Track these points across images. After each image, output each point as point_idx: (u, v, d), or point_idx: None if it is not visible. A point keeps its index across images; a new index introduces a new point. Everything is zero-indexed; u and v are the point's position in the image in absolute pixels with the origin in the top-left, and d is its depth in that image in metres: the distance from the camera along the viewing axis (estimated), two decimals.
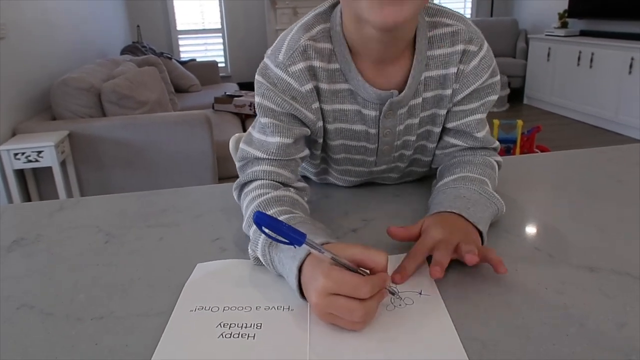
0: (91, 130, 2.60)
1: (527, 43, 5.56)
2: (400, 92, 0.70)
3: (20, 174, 2.55)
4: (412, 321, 0.51)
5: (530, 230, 0.73)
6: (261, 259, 0.60)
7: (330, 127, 0.75)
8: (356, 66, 0.69)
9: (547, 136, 4.04)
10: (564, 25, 5.04)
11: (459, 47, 0.70)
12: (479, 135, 0.77)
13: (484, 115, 0.77)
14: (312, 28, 0.69)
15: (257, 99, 0.71)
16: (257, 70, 0.71)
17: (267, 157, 0.70)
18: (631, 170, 0.93)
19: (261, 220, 0.51)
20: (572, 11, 4.95)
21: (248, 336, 0.50)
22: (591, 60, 4.47)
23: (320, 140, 0.77)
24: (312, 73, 0.69)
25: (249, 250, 0.63)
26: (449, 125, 0.77)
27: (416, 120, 0.76)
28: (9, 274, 0.65)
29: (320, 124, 0.74)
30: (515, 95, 5.48)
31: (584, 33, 4.90)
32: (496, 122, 3.55)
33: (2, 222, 0.81)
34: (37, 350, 0.49)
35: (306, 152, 0.75)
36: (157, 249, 0.70)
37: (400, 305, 0.54)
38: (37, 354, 0.49)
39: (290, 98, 0.69)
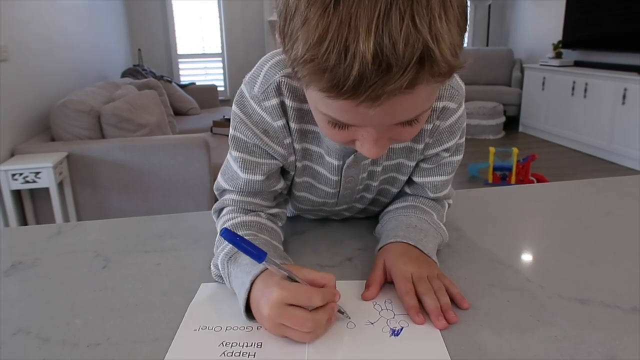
0: (89, 152, 2.62)
1: (522, 72, 5.65)
2: None
3: (17, 194, 2.55)
4: (409, 347, 0.53)
5: (523, 261, 0.74)
6: (220, 271, 0.63)
7: (299, 164, 0.73)
8: None
9: (543, 164, 4.08)
10: (558, 55, 5.14)
11: (440, 104, 0.67)
12: (433, 195, 0.76)
13: (449, 177, 0.76)
14: None
15: (230, 131, 0.70)
16: (235, 98, 0.69)
17: (234, 189, 0.72)
18: (621, 202, 0.95)
19: (227, 236, 0.55)
20: (566, 42, 5.05)
21: (249, 355, 0.52)
22: (585, 90, 4.54)
23: (293, 173, 0.75)
24: (283, 110, 0.66)
25: (211, 267, 0.66)
26: (415, 179, 0.76)
27: (379, 168, 0.74)
28: (6, 298, 0.65)
29: (292, 158, 0.72)
30: (511, 123, 5.55)
31: (577, 63, 4.99)
32: (492, 149, 3.59)
33: (0, 246, 0.82)
34: None
35: (281, 184, 0.74)
36: (154, 274, 0.71)
37: (395, 327, 0.56)
38: None
39: (262, 132, 0.68)
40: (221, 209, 0.74)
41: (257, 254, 0.54)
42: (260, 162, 0.70)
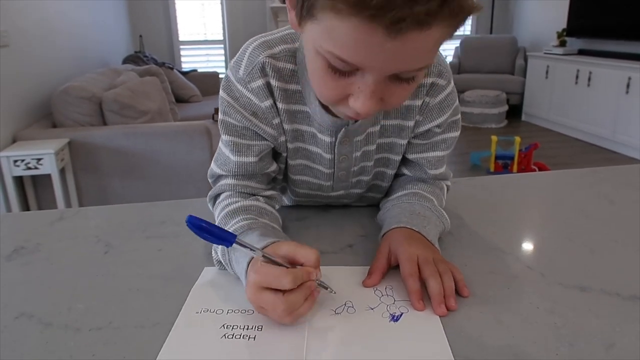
0: (91, 139, 2.62)
1: (525, 60, 5.61)
2: (357, 119, 0.68)
3: (19, 180, 2.55)
4: (408, 333, 0.54)
5: (523, 249, 0.74)
6: (221, 259, 0.64)
7: (290, 145, 0.74)
8: None
9: (545, 153, 4.06)
10: (562, 43, 5.10)
11: (428, 80, 0.68)
12: (431, 172, 0.77)
13: (444, 153, 0.76)
14: (275, 46, 0.66)
15: (219, 116, 0.71)
16: (221, 83, 0.70)
17: (228, 174, 0.72)
18: (623, 191, 0.95)
19: (193, 223, 0.54)
20: (571, 30, 5.01)
21: (249, 337, 0.53)
22: (589, 79, 4.51)
23: (285, 154, 0.75)
24: (269, 90, 0.67)
25: (212, 253, 0.66)
26: (409, 156, 0.77)
27: (373, 147, 0.74)
28: (8, 282, 0.65)
29: (283, 139, 0.72)
30: (514, 112, 5.52)
31: (582, 52, 4.95)
32: (494, 138, 3.58)
33: (2, 231, 0.82)
34: None
35: (274, 167, 0.75)
36: (155, 260, 0.71)
37: (395, 312, 0.57)
38: None
39: (250, 114, 0.68)
40: (217, 195, 0.74)
41: (226, 239, 0.55)
42: (251, 144, 0.70)
